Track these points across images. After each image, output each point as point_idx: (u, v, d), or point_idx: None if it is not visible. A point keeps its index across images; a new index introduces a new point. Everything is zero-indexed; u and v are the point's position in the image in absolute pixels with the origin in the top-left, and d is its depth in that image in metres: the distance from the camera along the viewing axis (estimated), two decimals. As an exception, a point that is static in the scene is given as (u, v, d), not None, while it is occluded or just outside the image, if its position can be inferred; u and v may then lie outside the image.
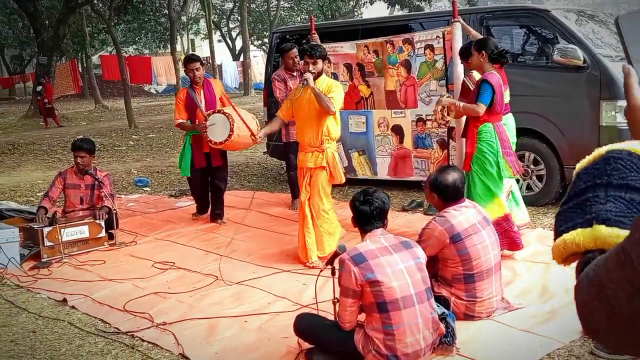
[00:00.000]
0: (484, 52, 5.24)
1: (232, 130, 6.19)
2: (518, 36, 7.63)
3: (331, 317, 3.64)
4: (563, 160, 6.83)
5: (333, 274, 3.63)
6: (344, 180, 5.70)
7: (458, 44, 6.00)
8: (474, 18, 7.45)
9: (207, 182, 7.16)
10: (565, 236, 0.98)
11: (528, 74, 6.88)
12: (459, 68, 6.01)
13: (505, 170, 5.28)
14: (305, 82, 5.34)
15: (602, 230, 0.93)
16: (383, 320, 3.25)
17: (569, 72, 6.65)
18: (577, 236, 0.96)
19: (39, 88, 22.01)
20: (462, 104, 5.31)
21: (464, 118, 5.97)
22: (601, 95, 6.49)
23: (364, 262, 3.26)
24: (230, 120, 6.19)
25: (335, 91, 5.41)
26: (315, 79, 5.40)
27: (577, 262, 0.97)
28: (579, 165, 1.03)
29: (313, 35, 7.03)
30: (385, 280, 3.22)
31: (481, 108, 5.14)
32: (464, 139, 5.96)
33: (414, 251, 3.43)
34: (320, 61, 5.44)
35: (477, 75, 5.60)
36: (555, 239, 1.01)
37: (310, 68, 5.38)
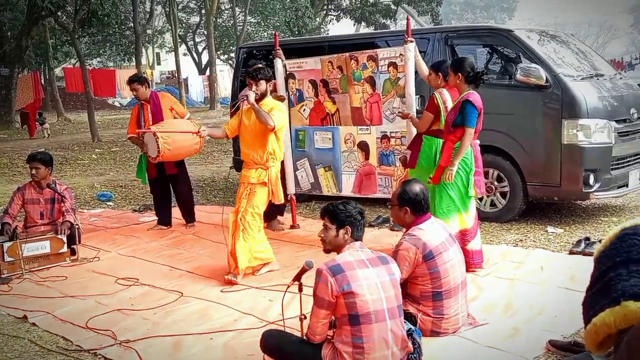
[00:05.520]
0: (459, 74, 5.25)
1: (158, 145, 6.25)
2: (482, 55, 7.76)
3: (298, 334, 3.63)
4: (526, 177, 6.94)
5: (300, 290, 3.64)
6: (282, 200, 5.87)
7: (411, 63, 6.10)
8: (439, 37, 7.56)
9: (167, 192, 7.62)
10: (595, 320, 0.92)
11: (491, 93, 6.97)
12: (411, 85, 6.13)
13: (469, 189, 5.33)
14: (244, 98, 5.52)
15: (631, 305, 0.88)
16: (353, 333, 3.25)
17: (532, 91, 6.79)
18: (606, 317, 0.89)
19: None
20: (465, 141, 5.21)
21: (413, 131, 6.02)
22: (563, 114, 6.64)
23: (340, 273, 3.27)
24: (156, 137, 6.29)
25: (275, 110, 5.55)
26: (259, 100, 5.55)
27: (613, 347, 0.91)
28: (596, 252, 0.99)
29: (277, 51, 7.04)
30: (360, 292, 3.24)
31: (471, 133, 5.19)
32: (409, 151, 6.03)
33: (390, 267, 3.45)
34: (263, 82, 5.57)
35: (446, 93, 5.63)
36: (585, 327, 0.93)
37: (253, 89, 5.53)
